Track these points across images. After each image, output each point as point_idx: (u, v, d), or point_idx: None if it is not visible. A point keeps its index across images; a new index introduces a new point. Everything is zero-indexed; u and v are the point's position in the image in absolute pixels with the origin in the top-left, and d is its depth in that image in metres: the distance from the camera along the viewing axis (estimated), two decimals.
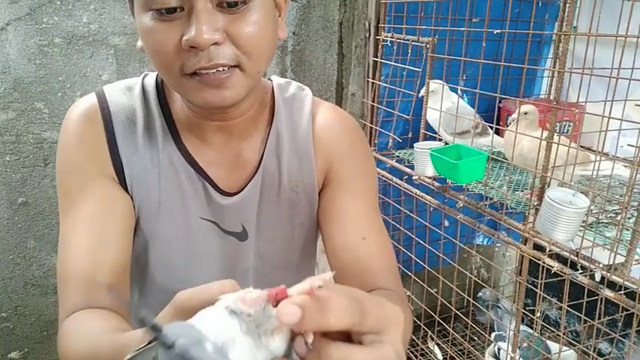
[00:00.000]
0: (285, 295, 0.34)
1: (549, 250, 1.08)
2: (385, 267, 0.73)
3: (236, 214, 0.76)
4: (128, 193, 0.72)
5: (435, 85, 1.45)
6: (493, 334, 1.78)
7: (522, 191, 1.29)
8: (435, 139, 1.49)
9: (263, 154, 0.76)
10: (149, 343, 0.34)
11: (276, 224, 0.78)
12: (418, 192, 1.49)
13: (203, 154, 0.74)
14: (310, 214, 0.80)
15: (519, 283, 1.22)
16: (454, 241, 1.52)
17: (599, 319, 1.33)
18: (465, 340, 1.64)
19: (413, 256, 1.70)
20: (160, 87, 0.75)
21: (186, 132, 0.73)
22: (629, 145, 0.93)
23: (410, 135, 1.64)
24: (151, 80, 0.75)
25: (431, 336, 1.86)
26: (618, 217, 1.08)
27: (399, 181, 1.57)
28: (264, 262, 0.80)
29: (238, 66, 0.61)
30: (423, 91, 1.47)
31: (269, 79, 0.82)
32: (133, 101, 0.73)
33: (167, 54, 0.60)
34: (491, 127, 1.42)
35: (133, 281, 0.78)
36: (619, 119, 0.97)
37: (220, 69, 0.60)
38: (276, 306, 0.33)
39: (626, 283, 0.94)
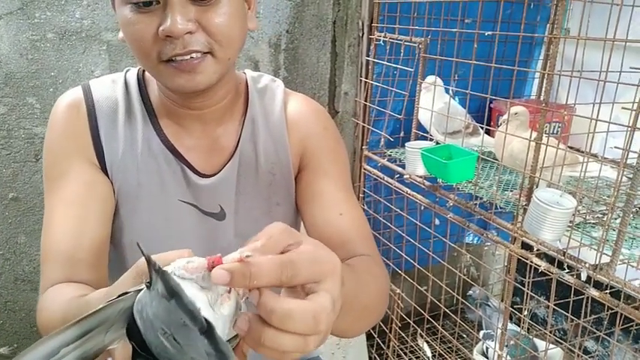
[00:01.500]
0: (221, 262, 0.40)
1: (537, 250, 1.09)
2: (361, 236, 0.80)
3: (213, 195, 0.80)
4: (109, 177, 0.77)
5: (431, 78, 1.46)
6: (481, 333, 1.80)
7: (512, 191, 1.31)
8: (426, 138, 1.51)
9: (239, 139, 0.82)
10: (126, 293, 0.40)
11: (255, 205, 0.83)
12: (409, 191, 1.51)
13: (181, 140, 0.79)
14: (288, 194, 0.85)
15: (507, 281, 1.23)
16: (444, 239, 1.54)
17: (586, 317, 1.35)
18: (454, 338, 1.66)
19: (403, 254, 1.71)
20: (140, 79, 0.81)
21: (165, 119, 0.79)
22: (615, 147, 0.94)
23: (401, 134, 1.65)
24: (132, 74, 0.82)
25: (420, 333, 1.87)
26: (605, 218, 1.10)
27: (390, 180, 1.58)
28: (245, 241, 0.82)
29: (210, 52, 0.68)
30: (426, 80, 1.47)
31: (243, 72, 0.88)
32: (116, 92, 0.79)
33: (145, 43, 0.66)
34: (482, 128, 1.44)
35: (112, 263, 0.81)
36: (607, 122, 0.99)
37: (194, 55, 0.66)
38: None
39: (611, 282, 0.95)
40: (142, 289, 0.40)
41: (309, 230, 0.83)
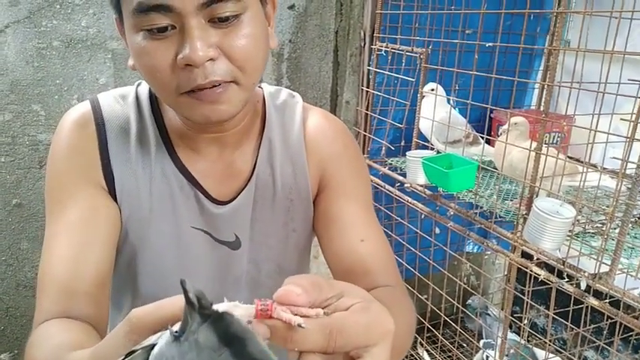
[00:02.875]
0: (271, 311, 0.34)
1: (537, 259, 1.10)
2: (384, 266, 0.74)
3: (229, 223, 0.75)
4: (117, 202, 0.71)
5: (431, 85, 1.48)
6: (482, 342, 1.80)
7: (512, 200, 1.32)
8: (427, 147, 1.52)
9: (256, 162, 0.76)
10: (132, 352, 0.34)
11: (271, 231, 0.79)
12: (410, 199, 1.51)
13: (196, 164, 0.74)
14: (305, 221, 0.80)
15: (507, 290, 1.24)
16: (444, 248, 1.54)
17: (585, 327, 1.36)
18: (454, 347, 1.66)
19: (404, 263, 1.72)
20: (153, 96, 0.75)
21: (180, 142, 0.73)
22: (613, 157, 0.95)
23: (402, 143, 1.66)
24: (144, 89, 0.75)
25: (420, 342, 1.87)
26: (604, 228, 1.11)
27: (390, 188, 1.59)
28: (259, 269, 0.80)
29: (234, 81, 0.61)
30: (427, 88, 1.49)
31: (260, 86, 0.82)
32: (127, 110, 0.73)
33: (162, 73, 0.60)
34: (482, 137, 1.45)
35: (125, 290, 0.78)
36: (606, 132, 1.00)
37: (216, 84, 0.60)
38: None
39: (610, 291, 0.96)
40: (154, 345, 0.32)
41: (328, 257, 0.77)
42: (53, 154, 0.71)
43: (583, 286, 1.02)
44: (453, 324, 1.62)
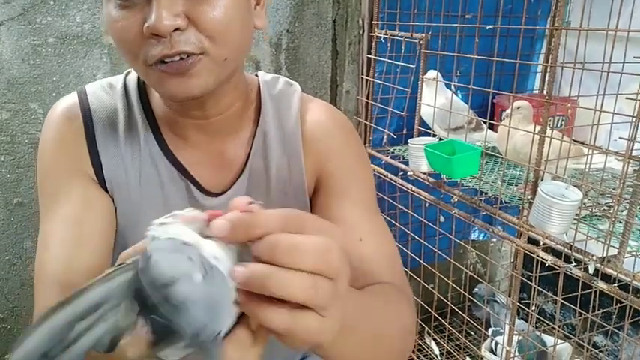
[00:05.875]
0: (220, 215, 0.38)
1: (543, 244, 1.09)
2: (385, 265, 0.71)
3: None
4: (108, 193, 0.70)
5: (432, 73, 1.46)
6: (490, 330, 1.79)
7: (516, 186, 1.30)
8: (429, 135, 1.50)
9: (249, 154, 0.74)
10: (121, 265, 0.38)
11: None
12: (413, 188, 1.50)
13: (186, 153, 0.72)
14: None
15: (514, 276, 1.23)
16: (450, 236, 1.53)
17: (594, 311, 1.34)
18: (462, 335, 1.65)
19: (409, 252, 1.71)
20: (141, 84, 0.73)
21: (168, 130, 0.72)
22: (620, 138, 0.94)
23: (404, 131, 1.64)
24: (132, 77, 0.74)
25: (428, 331, 1.87)
26: (611, 210, 1.09)
27: (394, 178, 1.57)
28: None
29: (204, 53, 0.59)
30: (427, 76, 1.46)
31: (255, 74, 0.79)
32: (115, 100, 0.72)
33: (130, 43, 0.58)
34: (485, 123, 1.43)
35: None
36: (610, 112, 0.98)
37: (184, 56, 0.57)
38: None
39: (619, 275, 0.95)
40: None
41: None
42: (42, 149, 0.71)
43: (591, 270, 1.00)
44: (460, 312, 1.61)
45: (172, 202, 0.71)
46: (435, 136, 1.50)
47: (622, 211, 1.03)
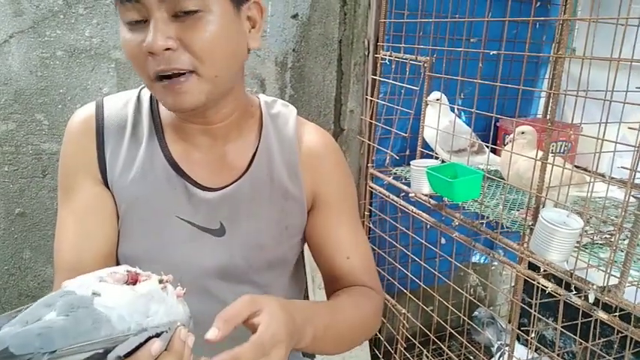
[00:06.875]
0: (137, 278, 0.54)
1: (544, 271, 1.08)
2: (367, 275, 0.88)
3: (214, 210, 0.79)
4: (109, 191, 0.79)
5: (436, 94, 1.46)
6: (496, 345, 1.76)
7: (518, 210, 1.30)
8: (431, 156, 1.50)
9: (252, 161, 0.81)
10: None
11: (265, 227, 0.82)
12: (414, 209, 1.50)
13: (188, 155, 0.80)
14: (299, 220, 0.85)
15: (514, 302, 1.21)
16: (450, 259, 1.52)
17: (595, 340, 1.33)
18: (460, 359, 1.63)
19: (409, 274, 1.70)
20: (153, 96, 0.82)
21: (173, 135, 0.80)
22: (621, 167, 0.93)
23: (407, 152, 1.65)
24: (147, 90, 0.83)
25: (426, 354, 1.84)
26: (612, 239, 1.09)
27: (395, 198, 1.57)
28: (249, 264, 0.82)
29: (195, 72, 0.68)
30: (431, 97, 1.47)
31: (257, 96, 0.88)
32: (127, 110, 0.81)
33: (136, 60, 0.68)
34: (488, 146, 1.43)
35: None
36: (613, 141, 0.98)
37: (177, 72, 0.67)
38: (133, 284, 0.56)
39: (619, 305, 0.93)
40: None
41: (319, 265, 0.89)
42: (62, 150, 0.81)
43: (591, 299, 0.99)
44: (459, 336, 1.60)
45: (167, 200, 0.78)
46: (437, 158, 1.50)
47: (623, 240, 1.02)
